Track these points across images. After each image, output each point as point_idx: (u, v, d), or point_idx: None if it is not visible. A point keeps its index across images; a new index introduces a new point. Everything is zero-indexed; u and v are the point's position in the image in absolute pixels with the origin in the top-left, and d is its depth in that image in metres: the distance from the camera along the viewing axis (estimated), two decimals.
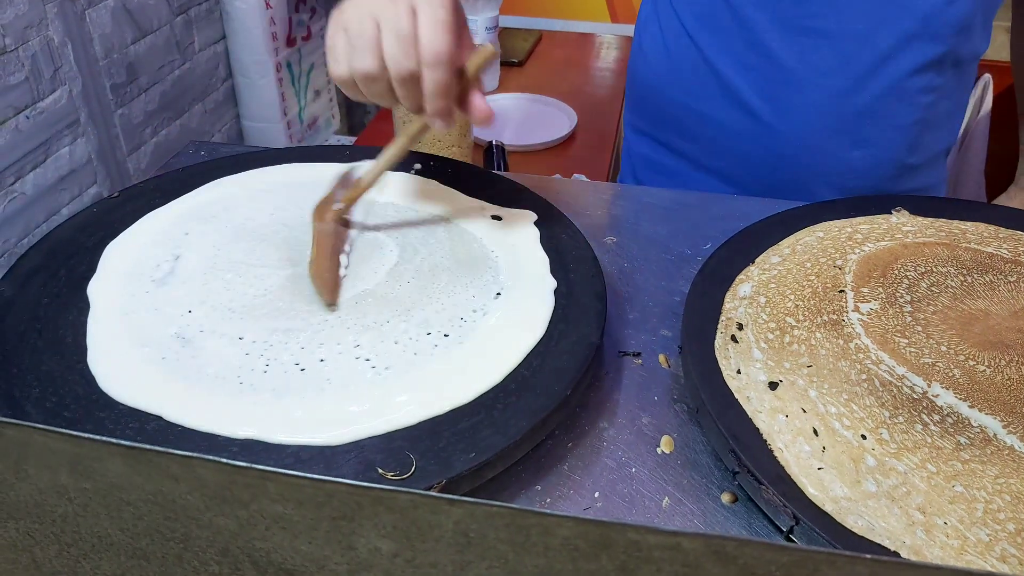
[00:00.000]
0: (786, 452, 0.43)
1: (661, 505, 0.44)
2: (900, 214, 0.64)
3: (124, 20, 1.33)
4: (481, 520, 0.27)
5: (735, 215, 0.68)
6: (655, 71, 0.83)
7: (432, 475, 0.41)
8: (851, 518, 0.40)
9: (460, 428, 0.44)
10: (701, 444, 0.48)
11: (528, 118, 1.40)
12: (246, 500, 0.29)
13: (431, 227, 0.62)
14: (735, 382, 0.48)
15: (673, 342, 0.56)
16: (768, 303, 0.54)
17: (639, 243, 0.67)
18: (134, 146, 1.41)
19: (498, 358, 0.49)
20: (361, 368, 0.48)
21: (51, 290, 0.54)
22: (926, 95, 0.73)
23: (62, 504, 0.33)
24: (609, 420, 0.50)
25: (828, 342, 0.51)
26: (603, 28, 1.90)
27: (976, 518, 0.40)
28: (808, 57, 0.72)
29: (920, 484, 0.42)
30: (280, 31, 1.65)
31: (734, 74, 0.76)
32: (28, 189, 1.19)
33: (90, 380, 0.47)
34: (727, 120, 0.78)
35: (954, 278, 0.57)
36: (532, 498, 0.45)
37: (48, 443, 0.30)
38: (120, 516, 0.33)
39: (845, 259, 0.58)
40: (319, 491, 0.28)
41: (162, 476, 0.30)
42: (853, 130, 0.74)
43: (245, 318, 0.51)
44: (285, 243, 0.59)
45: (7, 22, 1.10)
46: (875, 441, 0.44)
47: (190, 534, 0.32)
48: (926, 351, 0.50)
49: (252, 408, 0.45)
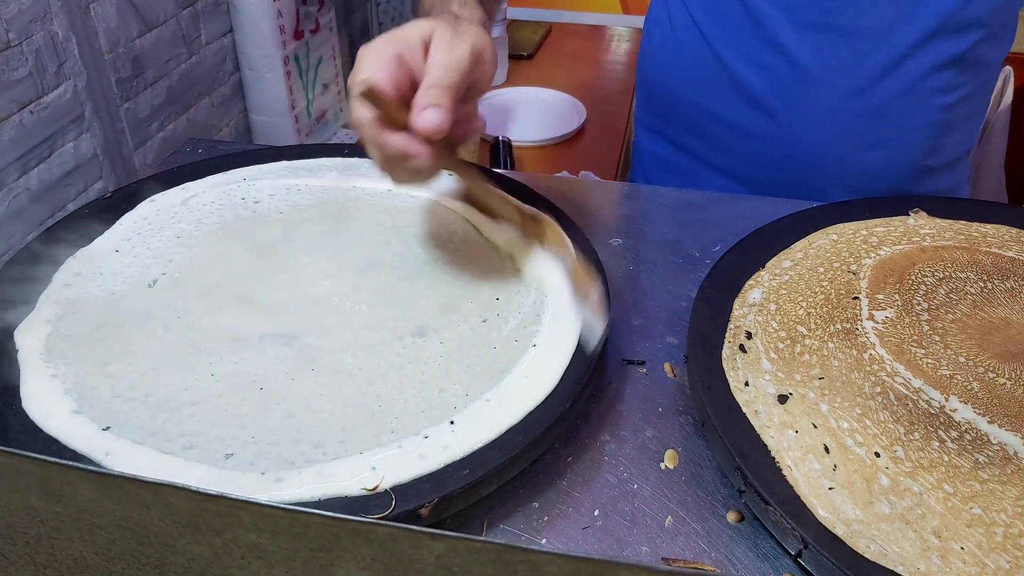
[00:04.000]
0: (795, 470, 0.41)
1: (663, 524, 0.43)
2: (918, 216, 0.62)
3: (129, 14, 1.32)
4: (465, 555, 0.26)
5: (746, 216, 0.66)
6: (665, 67, 0.81)
7: (424, 493, 0.39)
8: (863, 542, 0.38)
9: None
10: (707, 458, 0.47)
11: (536, 113, 1.38)
12: (219, 528, 0.28)
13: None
14: (743, 395, 0.46)
15: (679, 350, 0.55)
16: (779, 310, 0.52)
17: (646, 245, 0.65)
18: (140, 141, 1.40)
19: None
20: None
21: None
22: (945, 95, 0.71)
23: (34, 526, 0.32)
24: (611, 433, 0.48)
25: (841, 352, 0.49)
26: (614, 20, 1.87)
27: (995, 543, 0.38)
28: (823, 54, 0.70)
29: (936, 506, 0.40)
30: (288, 24, 1.63)
31: (746, 71, 0.74)
32: (33, 185, 1.18)
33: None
34: (739, 118, 0.76)
35: (974, 284, 0.54)
36: (529, 516, 0.43)
37: (15, 465, 0.29)
38: (93, 540, 0.31)
39: (860, 264, 0.56)
40: (294, 522, 0.26)
41: (132, 502, 0.28)
42: (868, 130, 0.72)
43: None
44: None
45: (11, 16, 1.09)
46: (889, 459, 0.42)
47: (165, 560, 0.31)
48: (944, 362, 0.48)
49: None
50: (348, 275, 0.54)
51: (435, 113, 0.43)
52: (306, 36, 1.73)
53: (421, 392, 0.46)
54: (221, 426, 0.44)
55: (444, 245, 0.58)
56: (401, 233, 0.59)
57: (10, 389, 0.45)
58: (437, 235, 0.59)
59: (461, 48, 0.45)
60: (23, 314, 0.50)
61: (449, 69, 0.44)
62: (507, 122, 1.35)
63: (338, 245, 0.57)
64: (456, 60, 0.45)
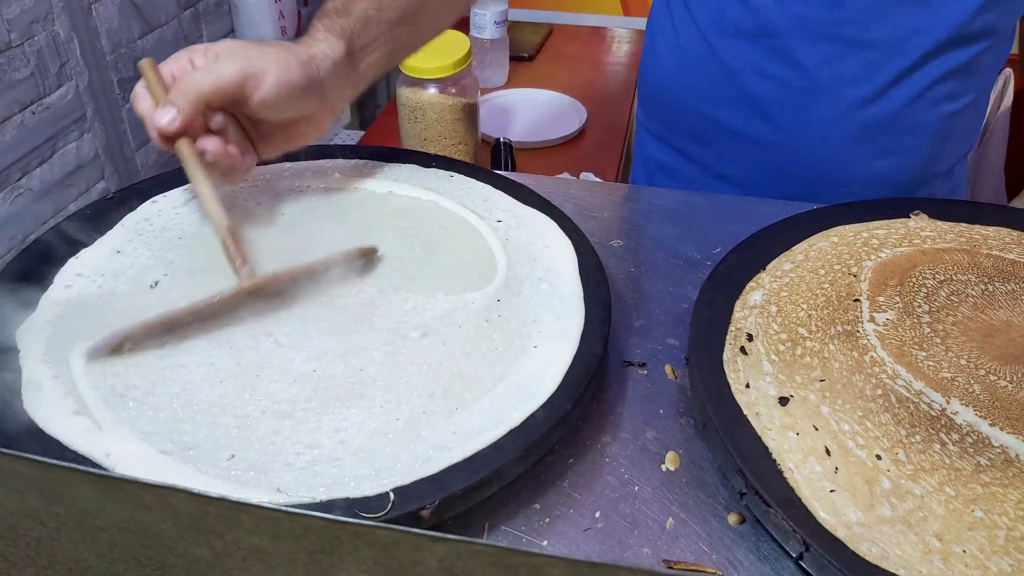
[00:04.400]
0: (796, 473, 0.41)
1: (665, 526, 0.43)
2: (918, 218, 0.62)
3: (131, 14, 1.32)
4: (467, 558, 0.26)
5: (747, 217, 0.66)
6: (669, 75, 0.80)
7: (425, 495, 0.39)
8: (864, 545, 0.38)
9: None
10: (708, 460, 0.47)
11: (537, 114, 1.38)
12: (221, 531, 0.28)
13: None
14: (744, 397, 0.46)
15: (680, 352, 0.54)
16: (779, 312, 0.52)
17: (647, 246, 0.65)
18: (142, 141, 1.40)
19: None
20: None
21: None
22: (951, 102, 0.71)
23: (35, 527, 0.32)
24: (612, 434, 0.48)
25: (842, 355, 0.49)
26: (615, 21, 1.87)
27: (997, 546, 0.38)
28: (833, 65, 0.69)
29: (938, 509, 0.40)
30: (289, 25, 1.63)
31: (754, 81, 0.73)
32: (35, 185, 1.18)
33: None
34: (745, 127, 0.76)
35: (975, 287, 0.54)
36: (530, 518, 0.43)
37: (15, 467, 0.29)
38: (95, 541, 0.31)
39: (860, 266, 0.56)
40: (295, 524, 0.26)
41: (134, 504, 0.28)
42: (876, 140, 0.71)
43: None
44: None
45: (13, 17, 1.09)
46: (891, 462, 0.42)
47: (166, 561, 0.31)
48: (945, 365, 0.48)
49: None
50: (350, 276, 0.54)
51: (165, 111, 0.51)
52: None
53: (423, 393, 0.46)
54: (222, 427, 0.44)
55: (446, 246, 0.58)
56: (404, 234, 0.59)
57: (11, 390, 0.45)
58: (439, 236, 0.59)
59: (226, 67, 0.51)
60: (24, 315, 0.50)
61: (198, 82, 0.51)
62: (508, 123, 1.35)
63: (341, 246, 0.57)
64: (213, 77, 0.51)
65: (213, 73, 0.51)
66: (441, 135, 0.95)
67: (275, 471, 0.41)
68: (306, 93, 0.54)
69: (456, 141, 0.96)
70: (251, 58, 0.52)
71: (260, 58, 0.52)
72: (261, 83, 0.52)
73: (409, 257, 0.57)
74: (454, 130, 0.94)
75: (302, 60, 0.54)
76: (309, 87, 0.54)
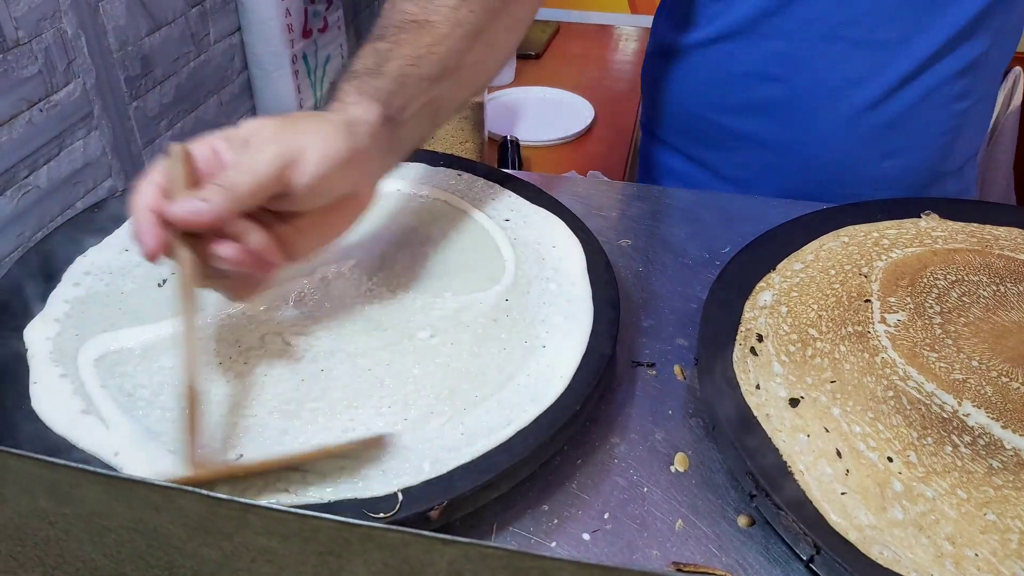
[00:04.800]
0: (807, 475, 0.41)
1: (674, 528, 0.42)
2: (929, 218, 0.61)
3: (138, 12, 1.32)
4: (476, 561, 0.25)
5: (756, 217, 0.66)
6: (672, 77, 0.80)
7: (434, 495, 0.39)
8: (876, 548, 0.38)
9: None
10: (717, 462, 0.46)
11: (544, 112, 1.37)
12: (229, 532, 0.28)
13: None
14: (754, 398, 0.46)
15: (689, 352, 0.54)
16: (790, 313, 0.52)
17: (655, 246, 0.65)
18: (149, 139, 1.40)
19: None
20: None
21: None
22: (960, 101, 0.70)
23: (44, 528, 0.32)
24: (621, 435, 0.48)
25: (853, 356, 0.48)
26: (622, 19, 1.87)
27: (1010, 550, 0.37)
28: (840, 66, 0.69)
29: (950, 512, 0.39)
30: (296, 22, 1.63)
31: (760, 83, 0.73)
32: (42, 183, 1.19)
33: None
34: (752, 130, 0.75)
35: (986, 287, 0.54)
36: (539, 519, 0.43)
37: (25, 468, 0.29)
38: (103, 542, 0.31)
39: (871, 266, 0.56)
40: (304, 526, 0.26)
41: (142, 505, 0.28)
42: (885, 140, 0.71)
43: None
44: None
45: (20, 14, 1.09)
46: (902, 464, 0.41)
47: (174, 563, 0.31)
48: (956, 366, 0.47)
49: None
50: (359, 275, 0.54)
51: (192, 203, 0.40)
52: (314, 35, 1.72)
53: (431, 393, 0.46)
54: (230, 426, 0.43)
55: (454, 245, 0.58)
56: (412, 234, 0.59)
57: (19, 388, 0.45)
58: (448, 236, 0.59)
59: (259, 157, 0.41)
60: (33, 313, 0.50)
61: (233, 183, 0.41)
62: (515, 122, 1.34)
63: (349, 246, 0.57)
64: (249, 175, 0.41)
65: (246, 169, 0.41)
66: (448, 133, 0.94)
67: (281, 471, 0.41)
68: (350, 165, 0.44)
69: (463, 139, 0.95)
70: (284, 139, 0.42)
71: (295, 136, 0.43)
72: (301, 165, 0.42)
73: (417, 257, 0.57)
74: (461, 128, 0.94)
75: (339, 127, 0.45)
76: (353, 158, 0.44)
